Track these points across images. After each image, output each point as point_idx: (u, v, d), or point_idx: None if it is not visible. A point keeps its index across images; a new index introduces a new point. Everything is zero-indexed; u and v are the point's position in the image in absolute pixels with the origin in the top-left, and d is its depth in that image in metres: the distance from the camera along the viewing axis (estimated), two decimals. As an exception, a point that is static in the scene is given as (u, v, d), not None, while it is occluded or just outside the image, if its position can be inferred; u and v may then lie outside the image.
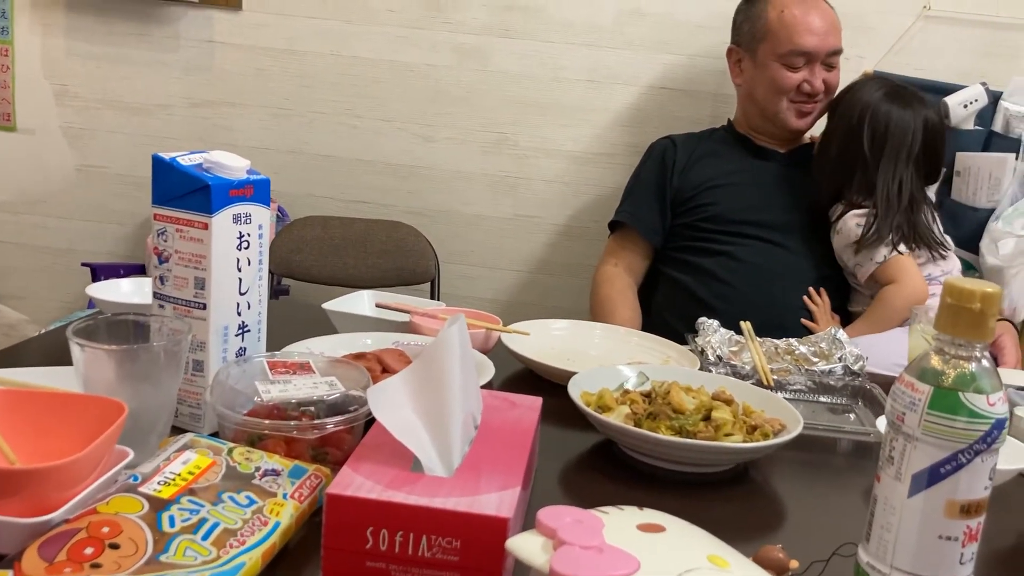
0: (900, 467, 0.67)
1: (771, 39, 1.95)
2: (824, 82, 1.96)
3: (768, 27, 1.96)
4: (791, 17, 1.94)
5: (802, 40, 1.92)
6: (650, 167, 2.07)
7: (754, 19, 2.00)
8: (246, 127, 2.41)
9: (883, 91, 1.89)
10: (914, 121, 1.85)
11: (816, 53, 1.93)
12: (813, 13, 1.94)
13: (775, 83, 1.96)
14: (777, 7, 1.96)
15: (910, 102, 1.87)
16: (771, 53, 1.96)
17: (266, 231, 0.99)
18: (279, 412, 0.86)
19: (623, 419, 0.99)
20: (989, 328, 0.65)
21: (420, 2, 2.33)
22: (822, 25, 1.94)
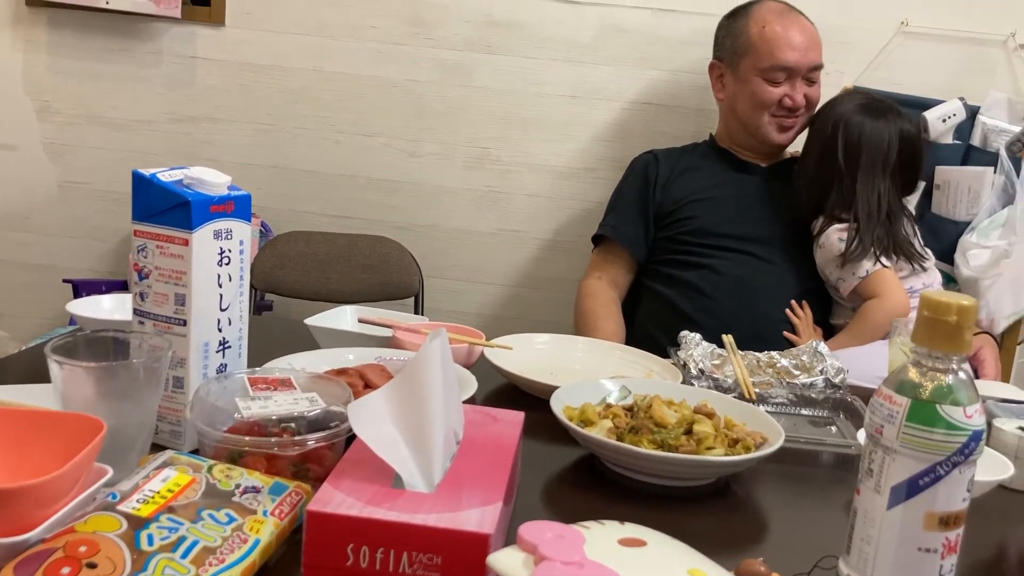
0: (879, 479, 0.68)
1: (753, 54, 1.97)
2: (805, 97, 1.97)
3: (750, 42, 1.98)
4: (772, 33, 1.96)
5: (783, 55, 1.94)
6: (633, 181, 2.08)
7: (736, 35, 2.02)
8: (229, 142, 2.40)
9: (858, 103, 1.91)
10: (888, 132, 1.86)
11: (797, 68, 1.95)
12: (794, 29, 1.96)
13: (756, 98, 1.97)
14: (759, 23, 1.98)
15: (884, 114, 1.88)
16: (752, 68, 1.97)
17: (247, 247, 0.99)
18: (259, 429, 0.85)
19: (605, 433, 0.99)
20: (966, 340, 0.66)
21: (403, 18, 2.33)
22: (803, 41, 1.96)
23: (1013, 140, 2.17)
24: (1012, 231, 2.11)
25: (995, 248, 2.12)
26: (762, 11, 2.00)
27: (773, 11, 2.00)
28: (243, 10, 2.35)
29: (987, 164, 2.16)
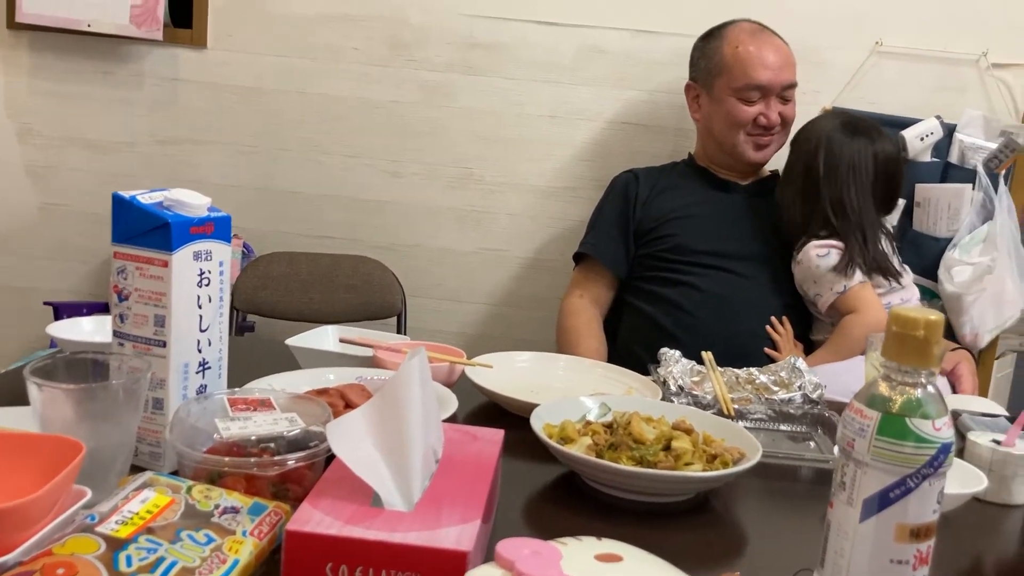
0: (851, 493, 0.69)
1: (727, 74, 2.00)
2: (780, 115, 2.00)
3: (724, 63, 2.00)
4: (746, 53, 1.98)
5: (756, 74, 1.97)
6: (613, 200, 2.09)
7: (710, 55, 2.04)
8: (212, 164, 2.41)
9: (838, 123, 1.93)
10: (868, 151, 1.89)
11: (771, 87, 1.98)
12: (767, 48, 1.99)
13: (732, 117, 2.00)
14: (732, 43, 2.01)
15: (864, 132, 1.91)
16: (727, 88, 2.00)
17: (227, 268, 0.99)
18: (239, 449, 0.86)
19: (585, 450, 1.00)
20: (934, 355, 0.67)
21: (385, 40, 2.35)
22: (776, 60, 1.98)
23: (990, 157, 2.20)
24: (993, 246, 2.14)
25: (977, 264, 2.14)
26: (735, 32, 2.03)
27: (746, 32, 2.02)
28: (225, 32, 2.36)
29: (965, 181, 2.19)
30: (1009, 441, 1.07)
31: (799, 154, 1.95)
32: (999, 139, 2.20)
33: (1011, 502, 1.06)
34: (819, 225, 1.87)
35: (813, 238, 1.88)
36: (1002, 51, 2.26)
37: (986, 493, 1.04)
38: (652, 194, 2.05)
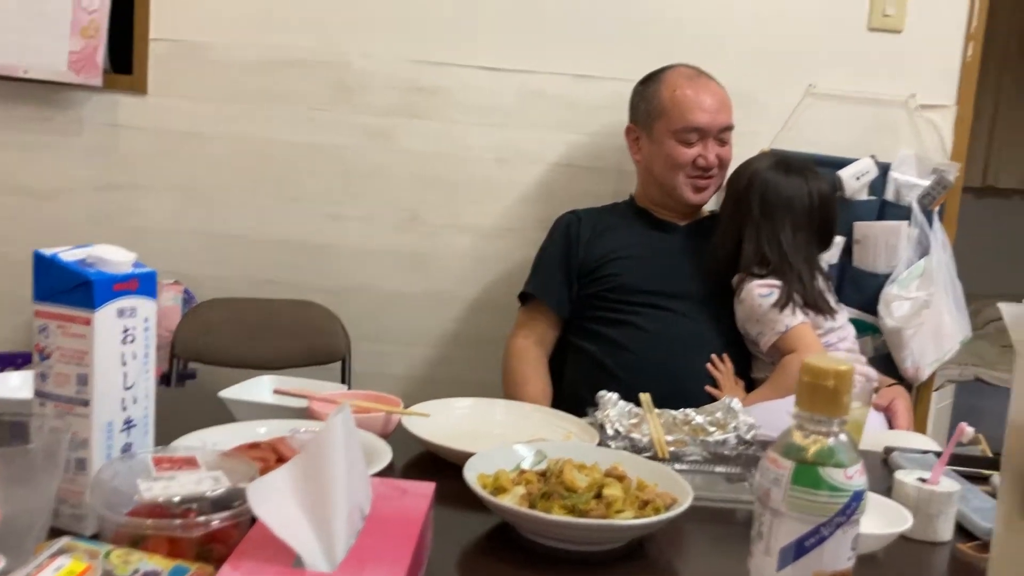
0: (768, 542, 0.69)
1: (666, 117, 2.03)
2: (717, 157, 2.04)
3: (662, 105, 2.04)
4: (683, 96, 2.03)
5: (694, 117, 2.01)
6: (556, 240, 2.11)
7: (649, 99, 2.08)
8: (152, 210, 2.38)
9: (772, 162, 1.98)
10: (802, 189, 1.93)
11: (708, 129, 2.02)
12: (704, 92, 2.04)
13: (671, 159, 2.03)
14: (670, 87, 2.05)
15: (798, 171, 1.96)
16: (666, 130, 2.03)
17: (152, 324, 0.98)
18: (162, 510, 0.84)
19: (518, 500, 0.99)
20: (844, 404, 0.68)
21: (327, 85, 2.36)
22: (713, 103, 2.03)
23: (924, 194, 2.27)
24: (930, 281, 2.19)
25: (915, 299, 2.19)
26: (673, 76, 2.07)
27: (684, 75, 2.07)
28: (166, 78, 2.35)
29: (901, 218, 2.25)
30: (934, 479, 1.09)
31: (735, 193, 1.99)
32: (931, 176, 2.27)
33: (936, 539, 1.08)
34: (755, 262, 1.91)
35: (749, 276, 1.91)
36: (929, 93, 2.33)
37: (912, 531, 1.05)
38: (594, 234, 2.08)
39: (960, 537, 1.10)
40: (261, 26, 2.35)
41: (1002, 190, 4.70)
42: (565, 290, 2.05)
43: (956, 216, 2.35)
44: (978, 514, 1.11)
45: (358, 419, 1.20)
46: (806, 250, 1.94)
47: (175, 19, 2.35)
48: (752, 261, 1.91)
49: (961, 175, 2.33)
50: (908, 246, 2.24)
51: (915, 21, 2.31)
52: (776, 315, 1.85)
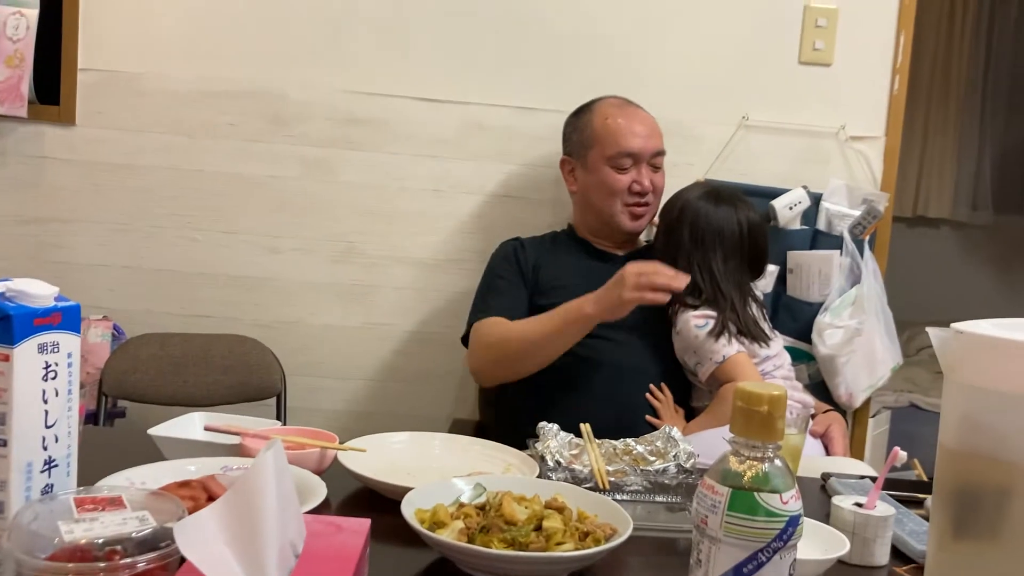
0: (707, 570, 0.69)
1: (599, 144, 2.06)
2: (651, 182, 2.06)
3: (595, 134, 2.07)
4: (615, 123, 2.06)
5: (627, 142, 2.03)
6: (504, 264, 2.08)
7: (582, 129, 2.11)
8: (80, 244, 2.32)
9: (703, 192, 2.01)
10: (730, 219, 1.96)
11: (641, 154, 2.04)
12: (634, 119, 2.08)
13: (607, 186, 2.05)
14: (601, 116, 2.08)
15: (728, 201, 1.99)
16: (600, 158, 2.05)
17: (76, 359, 0.95)
18: (84, 553, 0.81)
19: (456, 535, 0.98)
20: (778, 429, 0.69)
21: (262, 116, 2.33)
22: (643, 129, 2.06)
23: (855, 223, 2.32)
24: (861, 309, 2.23)
25: (848, 326, 2.23)
26: (603, 106, 2.11)
27: (614, 105, 2.11)
28: (95, 109, 2.30)
29: (833, 247, 2.30)
30: (870, 504, 1.11)
31: (667, 224, 2.01)
32: (862, 206, 2.33)
33: (873, 563, 1.09)
34: (689, 292, 1.92)
35: (684, 306, 1.93)
36: (858, 125, 2.39)
37: (850, 556, 1.06)
38: (539, 262, 2.08)
39: (896, 561, 1.11)
40: (194, 56, 2.32)
41: (932, 219, 4.85)
42: (523, 308, 2.00)
43: (887, 245, 2.41)
44: (913, 537, 1.12)
45: (292, 455, 1.17)
46: (738, 278, 1.96)
47: (105, 49, 2.31)
48: (686, 291, 1.93)
49: (891, 205, 2.39)
50: (840, 275, 2.29)
51: (844, 55, 2.38)
52: (713, 345, 1.87)
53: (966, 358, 0.80)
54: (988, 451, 0.79)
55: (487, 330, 1.94)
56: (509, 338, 1.89)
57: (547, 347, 1.85)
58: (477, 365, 1.97)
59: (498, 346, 1.91)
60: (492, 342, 1.92)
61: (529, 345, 1.87)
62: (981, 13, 4.70)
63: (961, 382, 0.81)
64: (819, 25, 2.37)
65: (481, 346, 1.94)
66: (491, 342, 1.92)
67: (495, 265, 2.12)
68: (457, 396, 2.42)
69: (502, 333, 1.91)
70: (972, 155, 4.82)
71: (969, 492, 0.82)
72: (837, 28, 2.36)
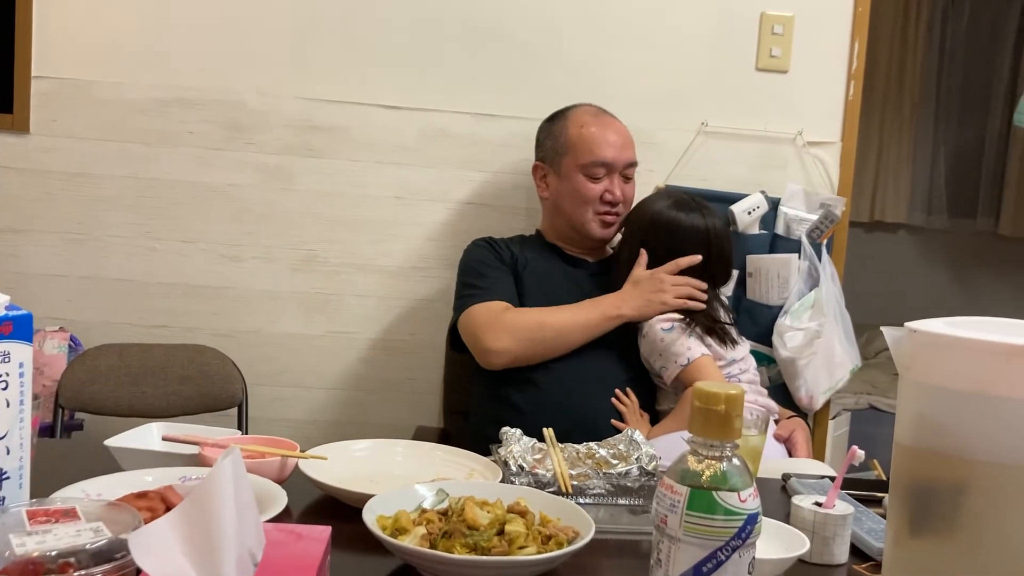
0: (667, 569, 0.69)
1: (573, 152, 2.06)
2: (622, 192, 2.07)
3: (570, 141, 2.08)
4: (590, 133, 2.07)
5: (601, 152, 2.04)
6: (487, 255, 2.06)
7: (556, 135, 2.11)
8: (34, 254, 2.28)
9: (669, 201, 2.02)
10: (698, 225, 1.98)
11: (615, 164, 2.05)
12: (609, 129, 2.09)
13: (579, 194, 2.06)
14: (577, 124, 2.09)
15: (695, 209, 2.00)
16: (574, 165, 2.06)
17: (28, 369, 0.93)
18: (36, 567, 0.79)
19: (418, 541, 0.97)
20: (735, 428, 0.69)
21: (220, 124, 2.31)
22: (618, 139, 2.08)
23: (812, 228, 2.34)
24: (820, 312, 2.26)
25: (807, 329, 2.26)
26: (579, 114, 2.12)
27: (589, 113, 2.12)
28: (49, 117, 2.27)
29: (792, 251, 2.32)
30: (829, 503, 1.12)
31: (634, 233, 2.02)
32: (819, 211, 2.35)
33: (833, 562, 1.10)
34: None
35: None
36: (815, 130, 2.43)
37: (810, 555, 1.07)
38: (519, 260, 2.07)
39: (855, 559, 1.12)
40: (150, 64, 2.29)
41: (888, 224, 4.93)
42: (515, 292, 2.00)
43: (844, 249, 2.44)
44: (871, 535, 1.13)
45: (252, 464, 1.16)
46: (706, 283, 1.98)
47: (59, 56, 2.27)
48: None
49: (848, 209, 2.42)
50: (799, 278, 2.31)
51: (800, 62, 2.41)
52: (678, 348, 1.88)
53: (920, 356, 0.82)
54: (942, 448, 0.80)
55: (513, 315, 1.92)
56: (544, 323, 1.92)
57: (578, 339, 1.93)
58: (505, 345, 1.90)
59: (534, 329, 1.91)
60: (527, 325, 1.91)
61: (565, 334, 1.93)
62: (933, 20, 4.79)
63: (915, 380, 0.82)
64: (775, 32, 2.40)
65: (508, 327, 1.90)
66: (526, 325, 1.91)
67: (478, 258, 2.08)
68: (421, 404, 2.41)
69: (536, 318, 1.92)
70: (927, 160, 4.91)
71: (924, 489, 0.83)
72: (793, 35, 2.40)
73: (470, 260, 2.08)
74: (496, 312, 1.93)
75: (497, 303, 1.95)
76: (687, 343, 1.89)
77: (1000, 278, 4.85)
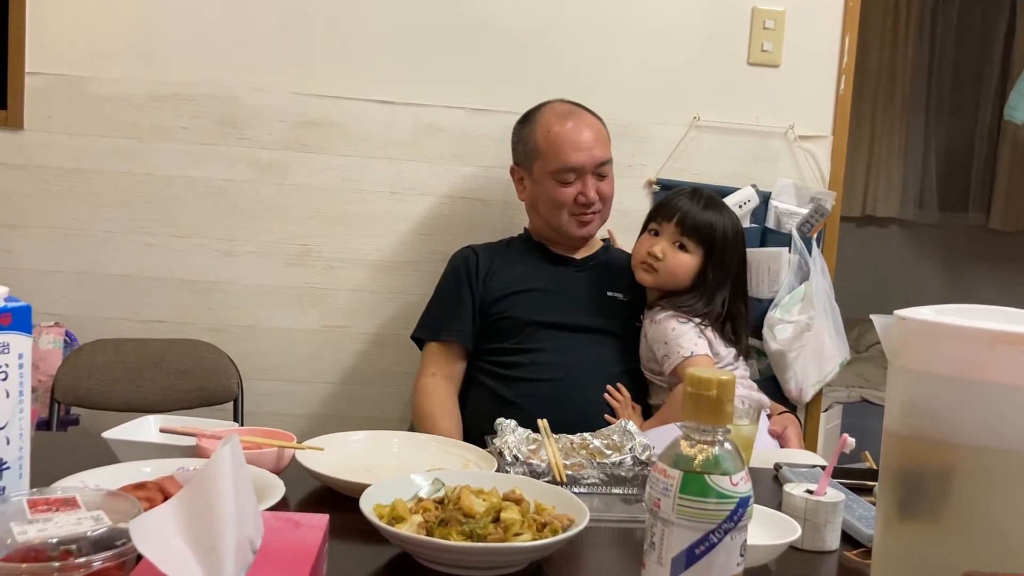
0: (660, 552, 0.70)
1: (541, 158, 2.04)
2: (597, 191, 2.04)
3: (537, 147, 2.05)
4: (555, 136, 2.02)
5: (568, 158, 2.00)
6: (453, 277, 2.10)
7: (526, 140, 2.09)
8: (28, 250, 2.28)
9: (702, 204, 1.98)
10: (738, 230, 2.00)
11: (584, 168, 2.01)
12: (576, 130, 2.03)
13: (552, 199, 2.04)
14: (543, 127, 2.05)
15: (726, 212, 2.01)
16: (543, 171, 2.04)
17: (27, 360, 0.94)
18: (38, 553, 0.80)
19: (415, 528, 0.98)
20: (727, 412, 0.70)
21: (213, 119, 2.31)
22: (588, 139, 2.02)
23: (803, 221, 2.36)
24: (810, 305, 2.27)
25: (797, 322, 2.27)
26: (546, 116, 2.07)
27: (557, 114, 2.07)
28: (43, 113, 2.27)
29: (782, 244, 2.34)
30: (820, 490, 1.13)
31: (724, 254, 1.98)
32: (809, 205, 2.37)
33: (824, 548, 1.11)
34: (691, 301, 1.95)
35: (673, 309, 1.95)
36: (806, 125, 2.44)
37: (802, 542, 1.09)
38: (492, 268, 2.08)
39: (846, 545, 1.14)
40: (144, 59, 2.29)
41: (880, 219, 4.95)
42: (468, 321, 2.03)
43: (836, 243, 2.46)
44: (862, 522, 1.15)
45: (250, 455, 1.17)
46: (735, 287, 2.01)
47: (53, 52, 2.27)
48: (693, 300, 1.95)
49: (838, 203, 2.44)
50: (789, 272, 2.33)
51: (792, 56, 2.42)
52: (685, 341, 1.88)
53: (908, 343, 0.83)
54: (931, 434, 0.82)
55: (416, 389, 2.02)
56: (419, 416, 1.98)
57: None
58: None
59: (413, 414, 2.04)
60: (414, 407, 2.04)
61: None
62: (924, 15, 4.81)
63: (904, 367, 0.84)
64: (767, 27, 2.41)
65: (414, 394, 2.04)
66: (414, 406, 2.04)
67: (445, 277, 2.12)
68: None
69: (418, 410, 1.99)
70: (918, 155, 4.92)
71: (914, 474, 0.85)
72: (784, 30, 2.41)
73: (443, 276, 2.14)
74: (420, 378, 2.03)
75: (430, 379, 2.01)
76: (695, 340, 1.90)
77: (991, 272, 4.87)
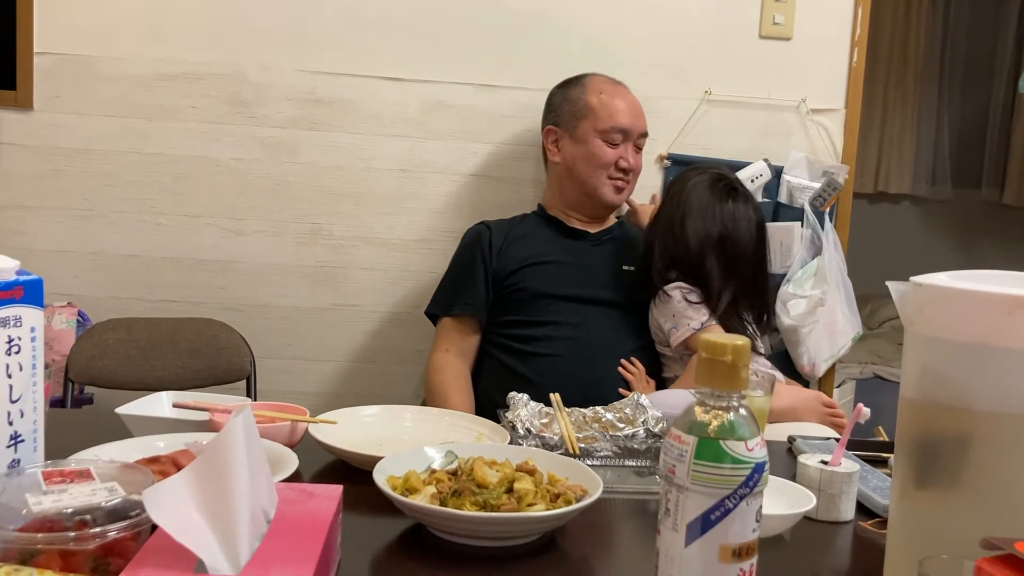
0: (675, 518, 0.70)
1: (592, 117, 2.08)
2: (634, 161, 2.10)
3: (589, 106, 2.09)
4: (609, 99, 2.10)
5: (621, 118, 2.08)
6: (467, 251, 2.11)
7: (574, 100, 2.12)
8: (41, 230, 2.29)
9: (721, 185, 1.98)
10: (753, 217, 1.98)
11: (631, 131, 2.09)
12: (626, 98, 2.13)
13: (596, 158, 2.07)
14: (595, 91, 2.12)
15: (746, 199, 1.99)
16: (592, 130, 2.08)
17: (39, 333, 0.94)
18: (53, 524, 0.80)
19: (428, 499, 0.98)
20: (742, 378, 0.70)
21: (223, 98, 2.31)
22: (636, 107, 2.12)
23: (815, 196, 2.35)
24: (823, 280, 2.26)
25: (810, 297, 2.26)
26: (596, 81, 2.14)
27: (606, 82, 2.15)
28: (52, 93, 2.27)
29: (795, 219, 2.32)
30: (835, 461, 1.13)
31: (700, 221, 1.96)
32: (822, 179, 2.35)
33: (839, 519, 1.11)
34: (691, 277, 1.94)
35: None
36: (819, 98, 2.42)
37: (816, 512, 1.08)
38: (506, 243, 2.08)
39: (861, 515, 1.13)
40: (152, 39, 2.29)
41: (892, 195, 4.92)
42: (481, 295, 2.04)
43: (848, 219, 2.44)
44: (877, 492, 1.14)
45: (263, 429, 1.17)
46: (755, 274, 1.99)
47: (61, 32, 2.27)
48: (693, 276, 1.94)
49: (851, 177, 2.42)
50: (802, 246, 2.32)
51: (803, 29, 2.40)
52: (693, 313, 1.89)
53: (925, 309, 0.82)
54: (947, 400, 0.81)
55: (429, 365, 2.05)
56: (431, 391, 2.01)
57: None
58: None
59: (425, 389, 2.07)
60: (426, 382, 2.07)
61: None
62: (937, -12, 4.76)
63: (920, 333, 0.83)
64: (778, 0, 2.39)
65: (426, 370, 2.07)
66: (425, 381, 2.07)
67: (459, 251, 2.14)
68: (428, 375, 2.42)
69: (430, 386, 2.02)
70: (931, 131, 4.88)
71: (930, 441, 0.84)
72: (796, 2, 2.39)
73: (457, 253, 2.16)
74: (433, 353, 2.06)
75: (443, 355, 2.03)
76: (704, 313, 1.89)
77: (1005, 248, 4.84)
